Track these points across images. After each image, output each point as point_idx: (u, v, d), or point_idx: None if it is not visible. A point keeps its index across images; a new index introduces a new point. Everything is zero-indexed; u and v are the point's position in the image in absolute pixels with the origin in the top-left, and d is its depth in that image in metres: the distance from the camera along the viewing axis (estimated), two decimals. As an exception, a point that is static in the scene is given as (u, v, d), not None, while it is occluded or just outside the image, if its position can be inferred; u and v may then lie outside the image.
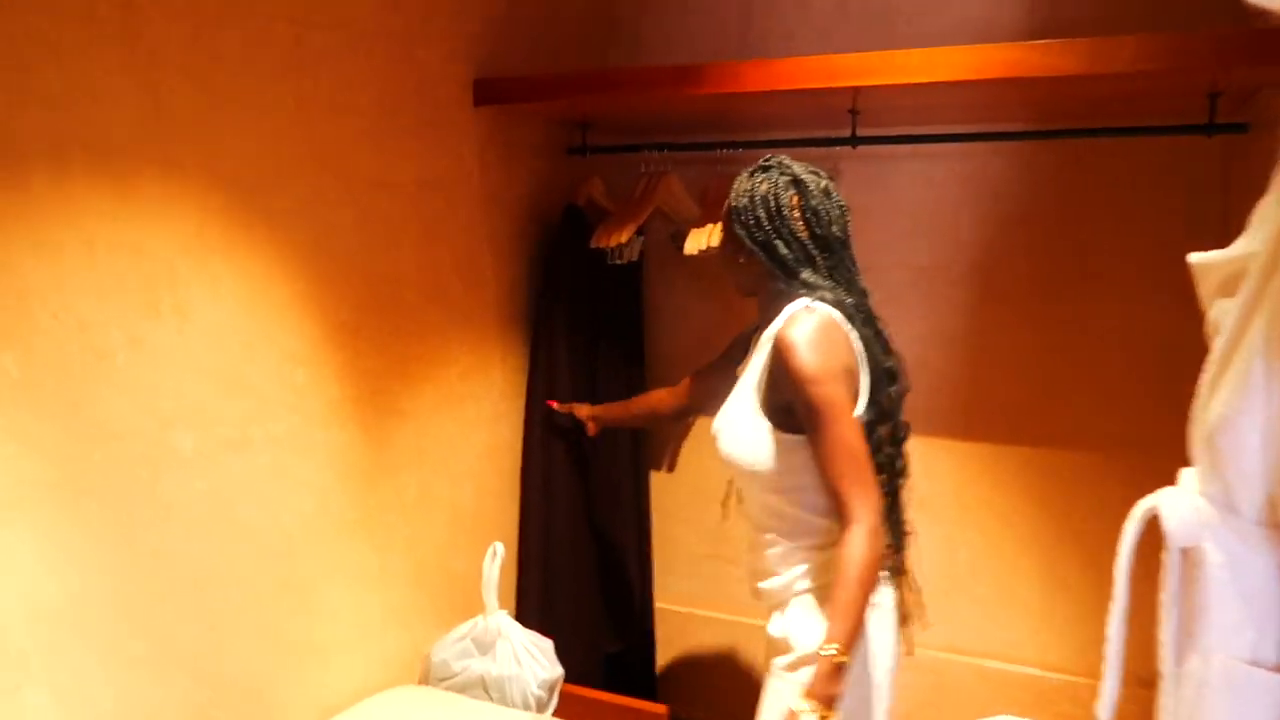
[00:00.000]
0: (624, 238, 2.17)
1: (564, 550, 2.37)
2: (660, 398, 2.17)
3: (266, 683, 1.64)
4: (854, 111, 2.08)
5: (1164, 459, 2.27)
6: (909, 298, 2.39)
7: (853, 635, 1.44)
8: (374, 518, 1.89)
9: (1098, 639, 2.35)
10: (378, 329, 1.87)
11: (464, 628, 2.05)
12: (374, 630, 1.91)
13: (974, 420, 2.43)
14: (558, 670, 2.04)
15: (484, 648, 2.02)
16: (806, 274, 1.59)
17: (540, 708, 1.99)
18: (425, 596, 2.06)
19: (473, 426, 2.19)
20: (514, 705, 1.96)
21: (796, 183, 1.59)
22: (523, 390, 2.37)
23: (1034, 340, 2.33)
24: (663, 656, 2.78)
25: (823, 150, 2.20)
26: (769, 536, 1.67)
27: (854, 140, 2.12)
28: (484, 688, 1.98)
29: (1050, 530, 2.39)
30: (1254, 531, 1.05)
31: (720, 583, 2.78)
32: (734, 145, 2.26)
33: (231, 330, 1.54)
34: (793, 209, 1.58)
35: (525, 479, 2.35)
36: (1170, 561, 1.14)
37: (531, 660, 2.00)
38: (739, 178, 1.66)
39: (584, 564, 2.46)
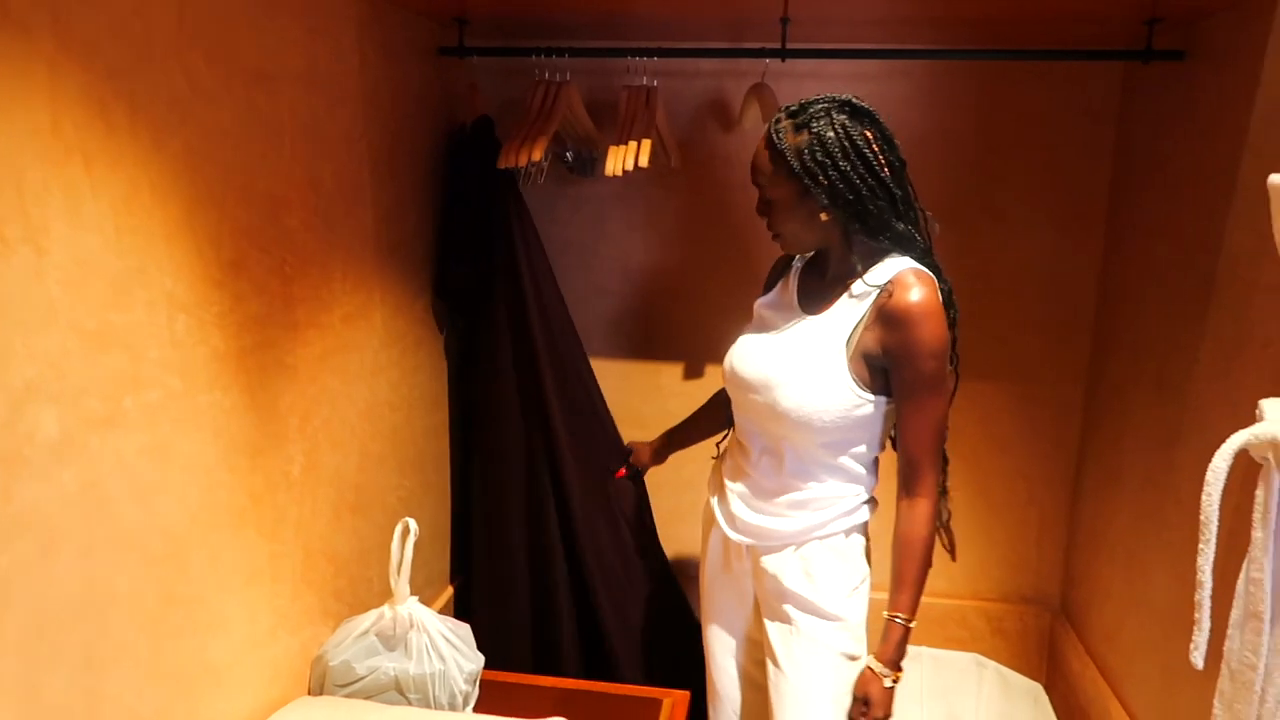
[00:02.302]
0: (536, 155, 1.85)
1: (516, 523, 2.18)
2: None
3: (153, 726, 1.26)
4: (785, 20, 1.89)
5: (1046, 389, 2.40)
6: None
7: (917, 605, 1.53)
8: (263, 501, 1.50)
9: (982, 564, 2.47)
10: (261, 264, 1.46)
11: (365, 621, 1.71)
12: (262, 636, 1.54)
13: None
14: (479, 659, 1.76)
15: (393, 643, 1.70)
16: (898, 225, 1.43)
17: (467, 703, 1.72)
18: (312, 590, 1.70)
19: (355, 381, 1.81)
20: (441, 706, 1.66)
21: (858, 114, 1.38)
22: (401, 336, 2.02)
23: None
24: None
25: (746, 65, 2.01)
26: (805, 483, 1.55)
27: (784, 53, 1.93)
28: (399, 689, 1.67)
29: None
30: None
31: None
32: (646, 53, 1.99)
33: (97, 265, 1.11)
34: (870, 145, 1.37)
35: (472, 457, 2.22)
36: (1271, 496, 1.09)
37: (454, 652, 1.71)
38: (782, 125, 1.39)
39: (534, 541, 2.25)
